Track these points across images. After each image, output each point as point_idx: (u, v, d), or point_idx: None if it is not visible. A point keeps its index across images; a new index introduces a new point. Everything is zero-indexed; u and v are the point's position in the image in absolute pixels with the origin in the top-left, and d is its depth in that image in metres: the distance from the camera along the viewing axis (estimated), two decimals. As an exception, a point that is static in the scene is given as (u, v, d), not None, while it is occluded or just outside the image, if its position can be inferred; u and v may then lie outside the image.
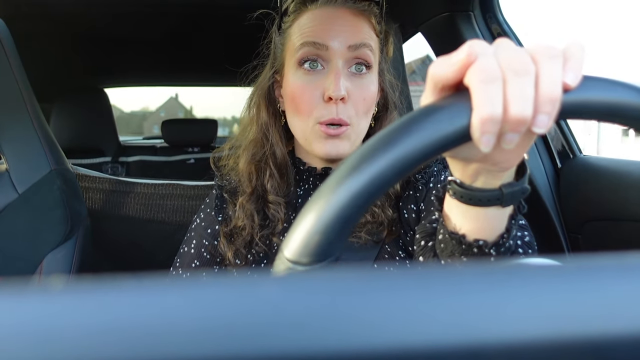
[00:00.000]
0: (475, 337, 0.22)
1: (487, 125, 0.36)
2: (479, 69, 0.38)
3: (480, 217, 0.54)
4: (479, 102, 0.37)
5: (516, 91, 0.37)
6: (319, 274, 0.24)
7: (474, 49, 0.39)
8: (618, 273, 0.24)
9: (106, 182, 1.44)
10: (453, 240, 0.57)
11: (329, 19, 0.85)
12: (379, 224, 0.86)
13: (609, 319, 0.23)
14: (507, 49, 0.39)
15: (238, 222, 0.91)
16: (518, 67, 0.38)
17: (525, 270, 0.25)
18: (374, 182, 0.35)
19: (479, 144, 0.37)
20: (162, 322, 0.21)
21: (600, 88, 0.38)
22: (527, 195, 0.53)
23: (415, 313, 0.22)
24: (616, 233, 1.17)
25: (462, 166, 0.51)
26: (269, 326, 0.21)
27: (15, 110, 1.18)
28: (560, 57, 0.38)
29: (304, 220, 0.35)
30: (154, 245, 1.44)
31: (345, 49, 0.82)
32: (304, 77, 0.84)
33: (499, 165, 0.48)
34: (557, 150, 1.40)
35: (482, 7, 1.41)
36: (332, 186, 0.35)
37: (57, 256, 1.20)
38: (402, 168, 0.35)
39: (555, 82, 0.37)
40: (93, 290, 0.23)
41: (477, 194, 0.51)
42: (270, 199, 0.90)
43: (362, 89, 0.84)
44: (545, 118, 0.37)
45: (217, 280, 0.23)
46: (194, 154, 3.28)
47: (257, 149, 0.93)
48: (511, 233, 0.56)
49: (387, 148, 0.35)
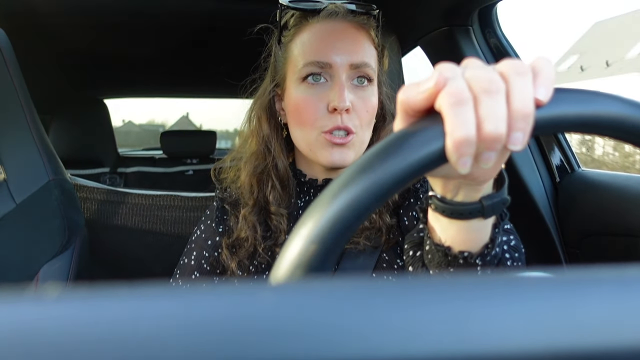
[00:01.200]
0: (471, 349, 0.22)
1: (463, 148, 0.36)
2: (449, 92, 0.37)
3: (463, 230, 0.54)
4: (452, 125, 0.36)
5: (488, 110, 0.37)
6: (314, 284, 0.24)
7: (442, 74, 0.39)
8: (615, 286, 0.24)
9: (104, 192, 1.44)
10: (439, 252, 0.57)
11: (331, 35, 0.86)
12: (377, 230, 0.86)
13: (606, 331, 0.23)
14: (475, 69, 0.39)
15: (241, 234, 0.91)
16: (488, 86, 0.37)
17: (523, 282, 0.24)
18: (353, 210, 0.35)
19: (457, 166, 0.37)
20: (158, 330, 0.21)
21: (572, 100, 0.38)
22: (508, 204, 0.53)
23: (412, 324, 0.22)
24: (615, 248, 1.17)
25: (441, 182, 0.52)
26: (266, 335, 0.21)
27: (15, 120, 1.18)
28: (529, 73, 0.38)
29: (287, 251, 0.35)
30: (152, 257, 1.44)
31: (348, 66, 0.84)
32: (307, 90, 0.85)
33: (477, 179, 0.48)
34: (555, 164, 1.40)
35: (481, 22, 1.42)
36: (312, 217, 0.35)
37: (54, 266, 1.19)
38: (380, 195, 0.35)
39: (526, 98, 0.37)
40: (89, 299, 0.22)
41: (458, 208, 0.51)
42: (273, 210, 0.91)
43: (364, 100, 0.85)
44: (519, 135, 0.37)
45: (214, 289, 0.23)
46: (193, 166, 3.28)
47: (258, 161, 0.93)
48: (495, 242, 0.56)
49: (364, 176, 0.35)
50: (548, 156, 1.40)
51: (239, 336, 0.21)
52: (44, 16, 1.67)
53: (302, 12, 0.89)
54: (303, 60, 0.85)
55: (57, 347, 0.20)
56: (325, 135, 0.83)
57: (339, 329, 0.22)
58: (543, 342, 0.22)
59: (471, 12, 1.38)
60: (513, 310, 0.23)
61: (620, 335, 0.23)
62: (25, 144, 1.20)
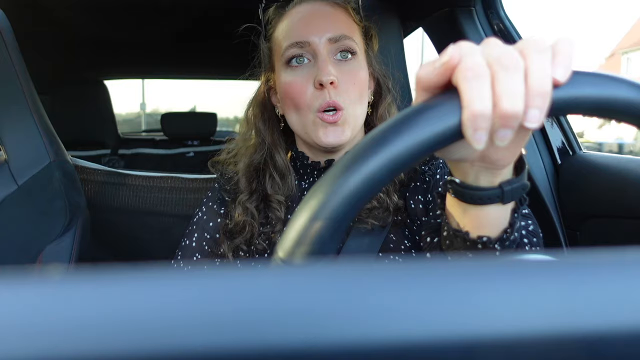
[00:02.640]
0: (471, 331, 0.22)
1: (478, 121, 0.36)
2: (466, 67, 0.37)
3: (482, 215, 0.54)
4: (467, 99, 0.36)
5: (505, 86, 0.37)
6: (317, 267, 0.24)
7: (460, 50, 0.38)
8: (615, 268, 0.24)
9: (105, 174, 1.44)
10: (457, 238, 0.57)
11: (307, 16, 0.88)
12: (385, 209, 0.86)
13: (605, 314, 0.23)
14: (494, 46, 0.39)
15: (238, 219, 0.92)
16: (506, 62, 0.37)
17: (522, 265, 0.25)
18: (367, 181, 0.35)
19: (471, 141, 0.37)
20: (160, 312, 0.21)
21: (590, 83, 0.38)
22: (527, 190, 0.53)
23: (412, 307, 0.22)
24: (615, 230, 1.17)
25: (460, 166, 0.51)
26: (269, 317, 0.21)
27: (15, 102, 1.17)
28: (549, 52, 0.38)
29: (297, 221, 0.35)
30: (153, 238, 1.44)
31: (327, 42, 0.85)
32: (293, 73, 0.87)
33: (496, 163, 0.48)
34: (556, 147, 1.40)
35: (483, 3, 1.40)
36: (325, 186, 0.35)
37: (56, 248, 1.20)
38: (393, 168, 0.35)
39: (544, 76, 0.37)
40: (92, 280, 0.23)
41: (477, 193, 0.51)
42: (271, 198, 0.92)
43: (350, 73, 0.85)
44: (536, 112, 0.37)
45: (216, 271, 0.23)
46: (194, 147, 3.27)
47: (256, 154, 0.95)
48: (514, 227, 0.56)
49: (378, 148, 0.35)
50: (549, 138, 1.39)
51: (241, 318, 0.21)
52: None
53: (275, 2, 0.92)
54: (284, 44, 0.87)
55: (59, 328, 0.21)
56: (318, 115, 0.84)
57: (338, 312, 0.22)
58: (543, 325, 0.22)
59: (474, -8, 1.36)
60: (513, 293, 0.23)
61: (620, 317, 0.23)
62: (26, 126, 1.20)
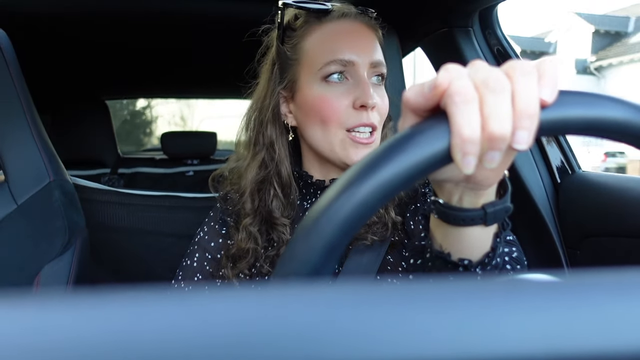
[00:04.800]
0: (472, 353, 0.22)
1: (467, 146, 0.36)
2: (454, 91, 0.37)
3: (464, 237, 0.54)
4: (456, 124, 0.36)
5: (493, 109, 0.37)
6: (315, 288, 0.24)
7: (448, 74, 0.39)
8: (617, 289, 0.24)
9: (105, 193, 1.44)
10: (439, 260, 0.57)
11: (350, 34, 0.87)
12: (384, 224, 0.86)
13: (607, 336, 0.23)
14: (480, 69, 0.39)
15: (241, 245, 0.89)
16: (493, 85, 0.38)
17: (523, 286, 0.24)
18: (358, 208, 0.35)
19: (461, 165, 0.37)
20: (160, 334, 0.21)
21: (577, 102, 0.38)
22: (510, 213, 0.53)
23: (413, 328, 0.22)
24: (615, 249, 1.17)
25: (444, 187, 0.52)
26: (268, 338, 0.21)
27: (15, 121, 1.18)
28: (534, 73, 0.38)
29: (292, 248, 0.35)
30: (153, 258, 1.44)
31: (368, 64, 0.85)
32: (329, 88, 0.85)
33: (480, 183, 0.48)
34: (556, 165, 1.40)
35: (481, 23, 1.42)
36: (318, 212, 0.35)
37: (55, 268, 1.19)
38: (384, 193, 0.35)
39: (531, 97, 0.37)
40: (91, 301, 0.22)
41: (460, 214, 0.51)
42: (276, 220, 0.89)
43: (383, 98, 0.87)
44: (524, 134, 0.37)
45: (217, 293, 0.23)
46: (194, 166, 3.27)
47: (260, 169, 0.91)
48: (497, 252, 0.56)
49: (368, 174, 0.35)
50: (548, 157, 1.40)
51: (241, 340, 0.21)
52: (45, 16, 1.67)
53: (312, 12, 0.89)
54: (323, 60, 0.85)
55: (58, 350, 0.20)
56: (350, 135, 0.84)
57: (338, 333, 0.22)
58: (543, 347, 0.22)
59: (472, 13, 1.38)
60: (514, 314, 0.23)
61: (620, 339, 0.23)
62: (26, 145, 1.20)
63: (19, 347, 0.20)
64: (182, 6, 1.59)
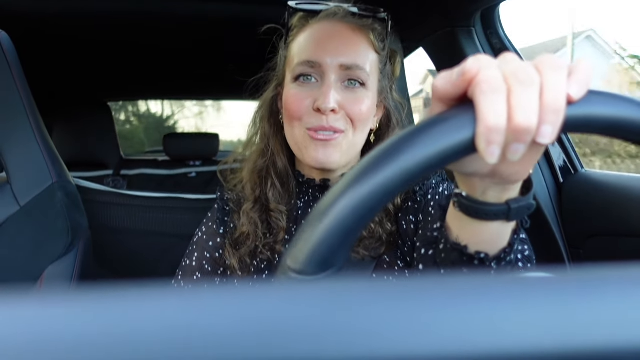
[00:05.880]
0: (474, 349, 0.22)
1: (492, 135, 0.36)
2: (482, 80, 0.37)
3: (483, 231, 0.54)
4: (483, 112, 0.36)
5: (520, 100, 0.37)
6: (320, 284, 0.24)
7: (477, 63, 0.39)
8: (618, 285, 0.24)
9: (107, 195, 1.44)
10: (455, 252, 0.57)
11: (325, 36, 0.87)
12: (377, 240, 0.85)
13: (609, 331, 0.23)
14: (511, 61, 0.39)
15: (243, 229, 0.92)
16: (522, 77, 0.37)
17: (525, 282, 0.24)
18: (378, 191, 0.34)
19: (485, 155, 0.37)
20: (162, 331, 0.21)
21: (604, 102, 0.38)
22: (532, 210, 0.53)
23: (415, 324, 0.22)
24: (618, 248, 1.16)
25: (469, 180, 0.51)
26: (272, 336, 0.21)
27: (18, 123, 1.18)
28: (565, 69, 0.38)
29: (308, 230, 0.35)
30: (155, 258, 1.44)
31: (338, 67, 0.84)
32: (297, 88, 0.86)
33: (507, 179, 0.48)
34: (559, 165, 1.40)
35: (483, 23, 1.42)
36: (336, 195, 0.35)
37: (58, 268, 1.20)
38: (406, 178, 0.35)
39: (559, 92, 0.37)
40: (94, 299, 0.23)
41: (484, 208, 0.51)
42: (272, 207, 0.92)
43: (355, 102, 0.84)
44: (549, 128, 0.37)
45: (219, 290, 0.23)
46: (196, 168, 3.27)
47: (259, 159, 0.95)
48: (513, 247, 0.55)
49: (392, 158, 0.35)
50: (551, 157, 1.40)
51: (242, 337, 0.21)
52: (47, 19, 1.67)
53: (304, 13, 0.91)
54: (297, 60, 0.86)
55: (62, 348, 0.20)
56: (309, 132, 0.84)
57: (342, 329, 0.22)
58: (546, 343, 0.22)
59: (474, 13, 1.38)
60: (517, 311, 0.23)
61: (623, 335, 0.23)
62: (29, 147, 1.20)
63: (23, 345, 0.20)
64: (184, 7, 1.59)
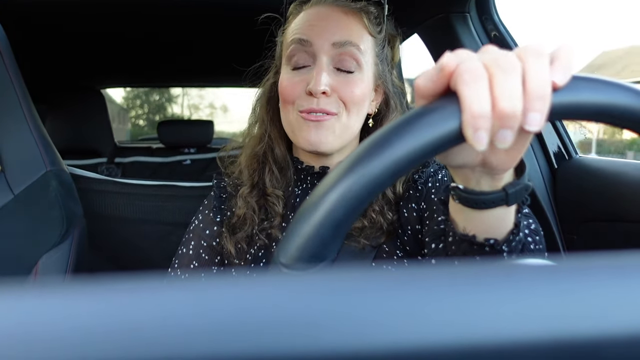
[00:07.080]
0: (470, 337, 0.22)
1: (478, 122, 0.36)
2: (463, 70, 0.38)
3: (487, 219, 0.54)
4: (466, 101, 0.37)
5: (503, 86, 0.37)
6: (314, 275, 0.24)
7: (455, 57, 0.39)
8: (612, 273, 0.24)
9: (102, 183, 1.44)
10: (464, 242, 0.57)
11: (316, 17, 0.87)
12: (378, 229, 0.86)
13: (603, 318, 0.23)
14: (491, 51, 0.40)
15: (239, 212, 0.93)
16: (503, 64, 0.38)
17: (520, 270, 0.24)
18: (367, 184, 0.35)
19: (472, 142, 0.37)
20: (159, 322, 0.21)
21: (590, 88, 0.38)
22: (530, 191, 0.53)
23: (411, 313, 0.22)
24: (612, 234, 1.17)
25: (461, 172, 0.51)
26: (267, 327, 0.21)
27: (11, 111, 1.17)
28: (547, 56, 0.38)
29: (297, 225, 0.35)
30: (150, 246, 1.44)
31: (330, 46, 0.84)
32: (291, 73, 0.87)
33: (497, 168, 0.48)
34: (553, 151, 1.40)
35: (478, 9, 1.41)
36: (325, 189, 0.35)
37: (53, 257, 1.19)
38: (395, 171, 0.35)
39: (543, 79, 0.37)
40: (89, 290, 0.22)
41: (481, 197, 0.51)
42: (269, 192, 0.93)
43: (348, 85, 0.84)
44: (537, 115, 0.37)
45: (215, 281, 0.23)
46: (190, 155, 3.26)
47: (257, 145, 0.96)
48: (520, 227, 0.56)
49: (380, 151, 0.35)
50: (545, 143, 1.40)
51: (240, 327, 0.21)
52: (39, 5, 1.65)
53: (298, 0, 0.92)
54: (289, 39, 0.88)
55: (57, 338, 0.20)
56: (302, 114, 0.84)
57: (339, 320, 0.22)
58: (541, 330, 0.22)
59: (468, -2, 1.37)
60: (511, 298, 0.23)
61: (618, 321, 0.23)
62: (22, 135, 1.19)
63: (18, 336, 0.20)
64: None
